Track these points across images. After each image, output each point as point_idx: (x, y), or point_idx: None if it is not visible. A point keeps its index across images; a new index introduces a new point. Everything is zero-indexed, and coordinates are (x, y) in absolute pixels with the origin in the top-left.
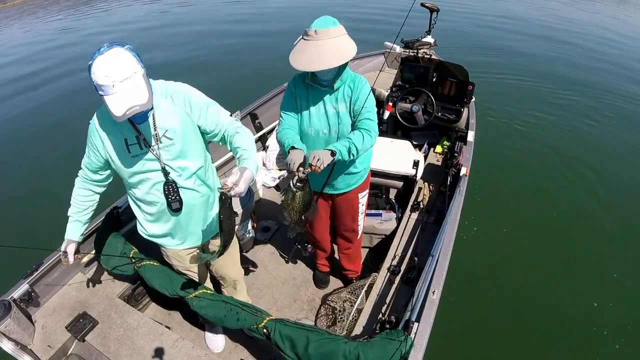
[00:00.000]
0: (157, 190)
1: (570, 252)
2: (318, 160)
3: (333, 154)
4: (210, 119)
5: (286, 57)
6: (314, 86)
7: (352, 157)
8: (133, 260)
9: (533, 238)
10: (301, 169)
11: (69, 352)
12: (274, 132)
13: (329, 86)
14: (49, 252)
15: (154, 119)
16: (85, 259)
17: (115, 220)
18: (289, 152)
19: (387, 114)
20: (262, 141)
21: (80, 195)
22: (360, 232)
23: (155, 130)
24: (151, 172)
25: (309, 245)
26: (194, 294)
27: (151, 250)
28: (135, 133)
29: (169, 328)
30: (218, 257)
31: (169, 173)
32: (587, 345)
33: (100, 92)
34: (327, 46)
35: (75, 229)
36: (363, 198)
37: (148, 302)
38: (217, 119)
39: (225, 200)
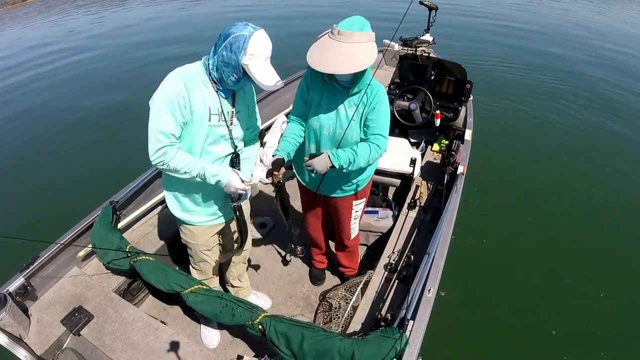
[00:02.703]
0: (218, 164)
1: (571, 253)
2: (309, 167)
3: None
4: (256, 119)
5: (287, 52)
6: (331, 84)
7: (352, 169)
8: (129, 255)
9: (531, 237)
10: (275, 173)
11: (64, 346)
12: (271, 129)
13: (347, 88)
14: (45, 244)
15: (233, 98)
16: (82, 253)
17: (112, 214)
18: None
19: (437, 122)
20: (259, 137)
21: (188, 156)
22: (353, 236)
23: (232, 108)
24: (220, 144)
25: (299, 248)
26: (189, 289)
27: (147, 244)
28: (218, 105)
29: (164, 323)
30: (239, 249)
31: (237, 147)
32: (582, 347)
33: (250, 62)
34: (345, 50)
35: (219, 167)
36: (358, 205)
37: (143, 297)
38: (256, 122)
39: (239, 209)
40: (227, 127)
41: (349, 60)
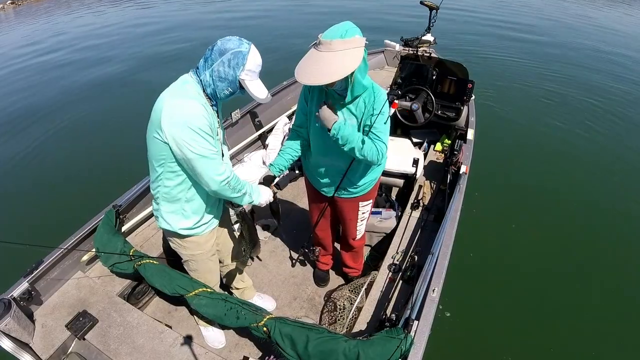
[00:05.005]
0: None
1: (576, 251)
2: (319, 116)
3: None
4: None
5: (288, 55)
6: (329, 92)
7: (346, 149)
8: (133, 258)
9: (534, 236)
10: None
11: (69, 351)
12: (274, 131)
13: (343, 97)
14: (49, 249)
15: (217, 110)
16: (85, 258)
17: (115, 218)
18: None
19: (392, 111)
20: (261, 140)
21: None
22: (359, 236)
23: (218, 118)
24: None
25: (317, 249)
26: (193, 292)
27: (151, 248)
28: (214, 119)
29: (169, 326)
30: (251, 254)
31: (223, 155)
32: (588, 345)
33: (247, 77)
34: (323, 60)
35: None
36: (365, 207)
37: (148, 301)
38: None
39: (244, 214)
40: (219, 138)
41: (325, 70)
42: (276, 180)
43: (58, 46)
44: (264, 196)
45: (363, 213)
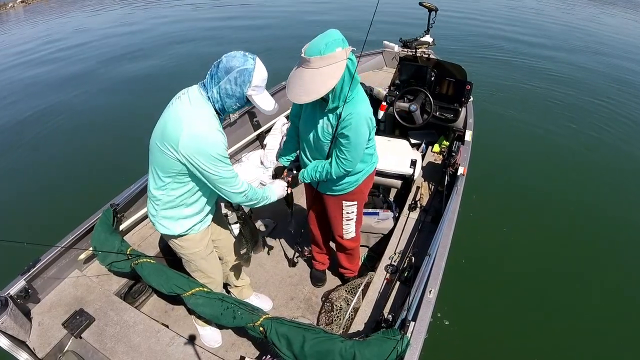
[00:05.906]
0: None
1: (573, 253)
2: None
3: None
4: None
5: (283, 57)
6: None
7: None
8: (130, 257)
9: (533, 237)
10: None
11: (66, 349)
12: (272, 131)
13: (326, 102)
14: (46, 248)
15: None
16: (83, 256)
17: (112, 217)
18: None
19: (381, 114)
20: (259, 140)
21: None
22: (347, 236)
23: None
24: None
25: (307, 249)
26: (190, 292)
27: (148, 247)
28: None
29: (166, 326)
30: (252, 251)
31: None
32: (588, 345)
33: (254, 91)
34: (304, 78)
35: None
36: (349, 207)
37: (145, 300)
38: None
39: (245, 216)
40: None
41: (304, 88)
42: (290, 165)
43: (59, 44)
44: (277, 192)
45: (348, 213)
